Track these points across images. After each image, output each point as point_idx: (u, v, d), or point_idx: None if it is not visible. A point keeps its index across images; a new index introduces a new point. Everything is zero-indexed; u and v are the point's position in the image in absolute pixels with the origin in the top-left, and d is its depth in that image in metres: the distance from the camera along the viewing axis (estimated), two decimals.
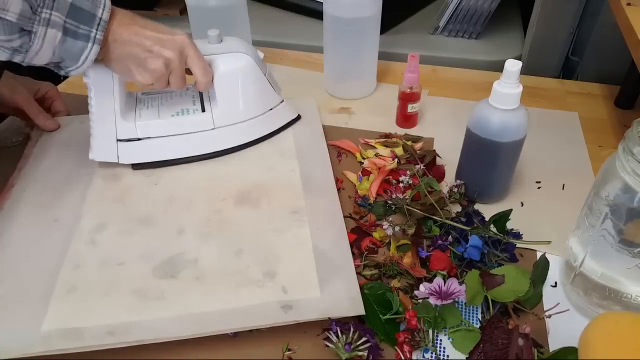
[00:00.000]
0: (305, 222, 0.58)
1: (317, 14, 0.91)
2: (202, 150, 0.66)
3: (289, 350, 0.47)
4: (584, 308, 0.50)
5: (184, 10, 1.04)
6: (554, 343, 0.48)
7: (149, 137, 0.64)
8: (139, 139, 0.64)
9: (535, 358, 0.44)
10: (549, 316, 0.49)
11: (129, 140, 0.64)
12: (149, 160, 0.65)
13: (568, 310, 0.50)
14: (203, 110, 0.66)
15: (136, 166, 0.66)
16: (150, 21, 0.57)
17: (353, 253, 0.55)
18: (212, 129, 0.66)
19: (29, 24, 0.49)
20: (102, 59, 0.56)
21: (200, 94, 0.68)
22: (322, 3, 0.75)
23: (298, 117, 0.74)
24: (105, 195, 0.62)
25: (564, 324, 0.49)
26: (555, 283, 0.54)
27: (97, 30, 0.52)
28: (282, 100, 0.71)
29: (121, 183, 0.64)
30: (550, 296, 0.52)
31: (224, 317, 0.48)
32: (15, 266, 0.54)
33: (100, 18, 0.52)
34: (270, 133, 0.70)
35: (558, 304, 0.49)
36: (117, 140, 0.63)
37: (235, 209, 0.60)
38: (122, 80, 0.62)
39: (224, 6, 0.72)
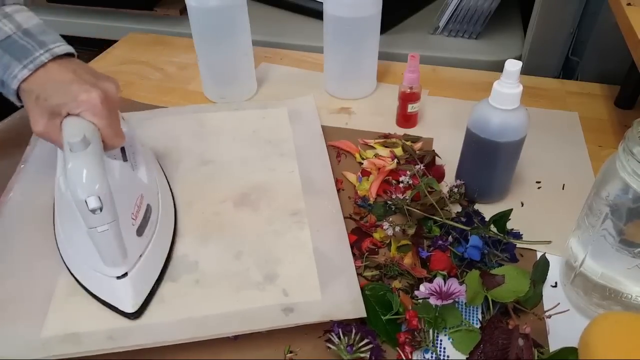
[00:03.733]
0: (305, 223, 0.58)
1: (317, 14, 0.91)
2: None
3: (291, 352, 0.47)
4: (584, 308, 0.50)
5: (184, 10, 1.04)
6: (554, 343, 0.48)
7: None
8: None
9: (536, 358, 0.44)
10: (549, 316, 0.49)
11: None
12: None
13: (568, 310, 0.50)
14: None
15: None
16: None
17: (354, 254, 0.55)
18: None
19: None
20: None
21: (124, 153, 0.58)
22: (322, 3, 0.75)
23: (132, 315, 0.49)
24: None
25: (564, 324, 0.49)
26: (556, 283, 0.54)
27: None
28: (121, 276, 0.49)
29: None
30: (551, 296, 0.52)
31: (225, 321, 0.48)
32: (14, 271, 0.54)
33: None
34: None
35: (558, 304, 0.49)
36: None
37: (234, 211, 0.60)
38: None
39: (224, 6, 0.72)
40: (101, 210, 0.45)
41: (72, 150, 0.46)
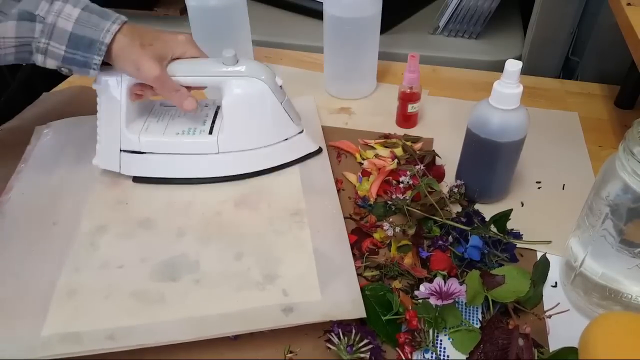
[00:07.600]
0: (305, 224, 0.58)
1: (317, 14, 0.91)
2: (204, 173, 0.64)
3: (291, 352, 0.47)
4: (584, 308, 0.50)
5: (184, 10, 1.04)
6: (554, 343, 0.48)
7: (152, 153, 0.62)
8: (142, 153, 0.62)
9: (536, 358, 0.44)
10: (549, 316, 0.49)
11: (132, 152, 0.62)
12: (150, 175, 0.64)
13: (568, 310, 0.50)
14: (210, 132, 0.63)
15: (136, 179, 0.64)
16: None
17: (354, 254, 0.55)
18: (216, 153, 0.62)
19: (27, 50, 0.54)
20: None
21: (215, 114, 0.66)
22: (322, 3, 0.75)
23: (319, 150, 0.68)
24: (105, 197, 0.62)
25: (564, 324, 0.49)
26: (556, 283, 0.54)
27: (97, 55, 0.55)
28: (302, 131, 0.66)
29: (121, 186, 0.64)
30: (551, 296, 0.52)
31: (225, 321, 0.48)
32: (14, 270, 0.54)
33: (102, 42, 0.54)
34: (283, 164, 0.66)
35: (558, 304, 0.49)
36: (121, 150, 0.62)
37: (235, 212, 0.60)
38: (131, 90, 0.61)
39: (224, 6, 0.72)
40: (281, 87, 0.63)
41: (226, 63, 0.60)
